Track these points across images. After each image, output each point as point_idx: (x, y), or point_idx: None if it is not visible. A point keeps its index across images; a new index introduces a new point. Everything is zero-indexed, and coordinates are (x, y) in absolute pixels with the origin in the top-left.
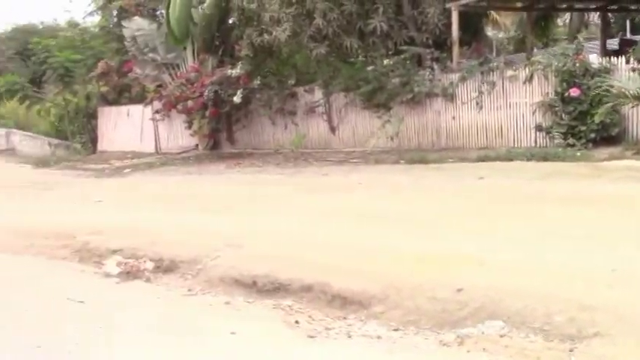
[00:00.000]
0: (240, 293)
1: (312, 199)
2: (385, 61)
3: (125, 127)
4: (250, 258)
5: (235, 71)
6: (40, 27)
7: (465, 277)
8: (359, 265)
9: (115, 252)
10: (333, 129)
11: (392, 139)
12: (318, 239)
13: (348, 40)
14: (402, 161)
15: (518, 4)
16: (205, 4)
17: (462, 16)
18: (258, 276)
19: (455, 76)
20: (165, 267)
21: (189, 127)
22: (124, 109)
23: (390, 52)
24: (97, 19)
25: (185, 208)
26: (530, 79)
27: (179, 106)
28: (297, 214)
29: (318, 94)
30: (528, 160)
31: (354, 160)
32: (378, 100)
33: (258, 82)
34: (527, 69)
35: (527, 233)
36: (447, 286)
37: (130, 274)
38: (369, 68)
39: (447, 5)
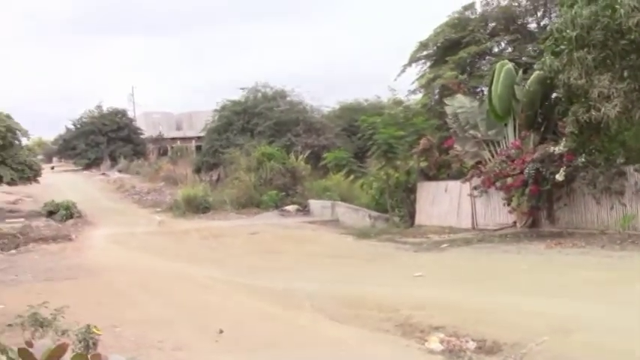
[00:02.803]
0: None
1: None
2: None
3: (443, 202)
4: (580, 346)
5: (558, 148)
6: (365, 104)
7: None
8: None
9: (437, 329)
10: None
11: None
12: None
13: None
14: None
15: None
16: (529, 81)
17: None
18: None
19: None
20: (487, 348)
21: (508, 204)
22: (442, 184)
23: None
24: (419, 97)
25: (505, 288)
26: None
27: (498, 183)
28: (633, 304)
29: None
30: None
31: None
32: None
33: (583, 159)
34: None
35: None
36: None
37: (452, 352)
38: None
39: None
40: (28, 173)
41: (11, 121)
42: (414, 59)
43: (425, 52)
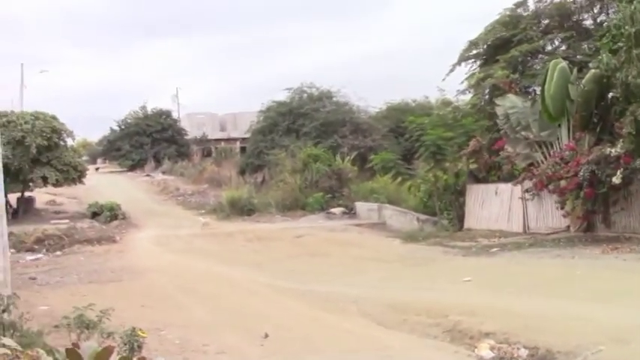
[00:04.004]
0: None
1: None
2: None
3: (492, 205)
4: (638, 356)
5: (615, 150)
6: (413, 105)
7: None
8: None
9: (487, 335)
10: None
11: None
12: None
13: None
14: None
15: None
16: (584, 80)
17: None
18: None
19: None
20: (540, 356)
21: (561, 207)
22: (492, 187)
23: None
24: (469, 97)
25: (558, 293)
26: None
27: (551, 186)
28: None
29: None
30: None
31: None
32: None
33: None
34: None
35: None
36: None
37: None
38: None
39: None
40: (72, 174)
41: (56, 122)
42: (463, 58)
43: (475, 51)
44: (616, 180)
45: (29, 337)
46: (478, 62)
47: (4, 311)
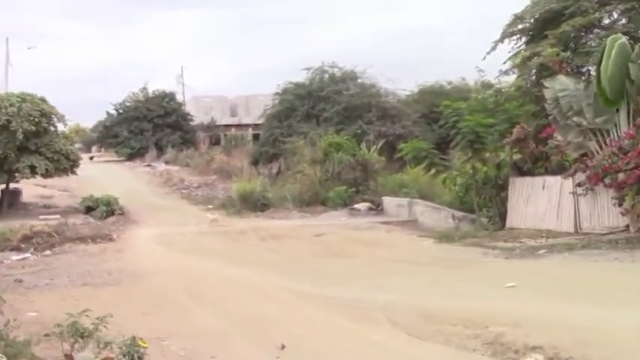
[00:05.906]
0: None
1: None
2: None
3: (539, 200)
4: None
5: None
6: (448, 87)
7: None
8: None
9: (533, 349)
10: None
11: None
12: None
13: None
14: None
15: None
16: None
17: None
18: None
19: None
20: None
21: (619, 204)
22: (538, 180)
23: None
24: (512, 78)
25: (616, 302)
26: None
27: (607, 179)
28: None
29: None
30: None
31: None
32: None
33: None
34: None
35: None
36: None
37: None
38: None
39: None
40: (64, 164)
41: (46, 105)
42: (507, 34)
43: (520, 26)
44: None
45: (16, 347)
46: (524, 39)
47: None
